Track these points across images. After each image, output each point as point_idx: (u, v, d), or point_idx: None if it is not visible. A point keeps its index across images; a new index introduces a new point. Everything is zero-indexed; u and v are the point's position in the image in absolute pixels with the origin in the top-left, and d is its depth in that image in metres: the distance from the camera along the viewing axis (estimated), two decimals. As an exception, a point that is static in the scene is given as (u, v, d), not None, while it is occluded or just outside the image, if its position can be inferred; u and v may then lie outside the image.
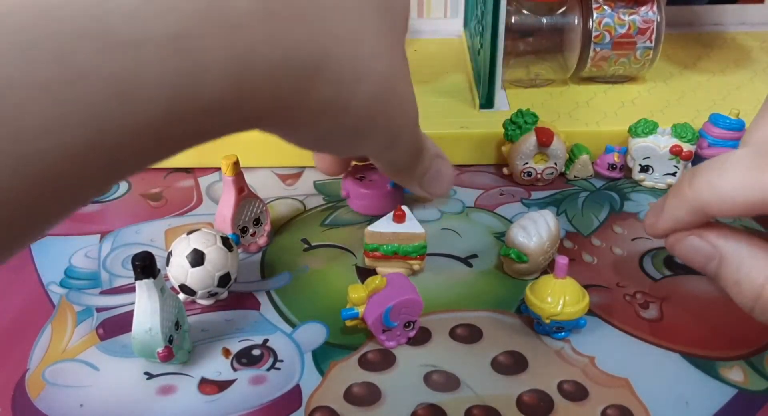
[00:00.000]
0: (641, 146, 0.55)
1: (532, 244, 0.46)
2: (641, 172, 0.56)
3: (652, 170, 0.56)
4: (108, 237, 0.53)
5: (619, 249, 0.51)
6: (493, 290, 0.47)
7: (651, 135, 0.55)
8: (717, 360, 0.41)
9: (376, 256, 0.47)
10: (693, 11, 0.79)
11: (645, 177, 0.56)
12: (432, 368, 0.41)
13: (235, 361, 0.42)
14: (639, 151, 0.56)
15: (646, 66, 0.64)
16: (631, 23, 0.62)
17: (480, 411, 0.39)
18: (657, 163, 0.55)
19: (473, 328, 0.44)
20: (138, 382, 0.41)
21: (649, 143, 0.55)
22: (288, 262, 0.50)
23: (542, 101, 0.63)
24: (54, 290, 0.48)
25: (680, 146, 0.54)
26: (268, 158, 0.61)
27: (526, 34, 0.62)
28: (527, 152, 0.55)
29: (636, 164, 0.56)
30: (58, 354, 0.43)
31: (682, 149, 0.54)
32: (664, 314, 0.45)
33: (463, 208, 0.56)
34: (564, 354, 0.42)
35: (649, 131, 0.55)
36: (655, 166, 0.56)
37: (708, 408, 0.39)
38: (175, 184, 0.60)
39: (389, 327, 0.42)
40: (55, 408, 0.39)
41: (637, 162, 0.56)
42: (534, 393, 0.40)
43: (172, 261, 0.44)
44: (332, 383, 0.41)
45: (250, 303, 0.47)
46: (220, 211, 0.49)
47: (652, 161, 0.55)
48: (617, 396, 0.39)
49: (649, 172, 0.56)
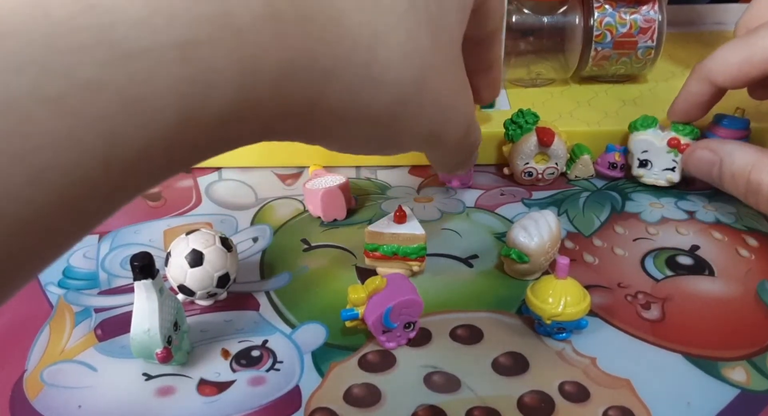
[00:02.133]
0: (640, 140, 0.55)
1: (533, 244, 0.45)
2: (640, 167, 0.56)
3: (651, 165, 0.55)
4: (106, 237, 0.53)
5: (621, 249, 0.51)
6: (494, 291, 0.47)
7: (650, 129, 0.55)
8: (719, 361, 0.41)
9: (376, 256, 0.47)
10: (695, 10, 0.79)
11: (644, 173, 0.56)
12: (432, 369, 0.41)
13: (235, 362, 0.42)
14: (637, 144, 0.55)
15: (648, 65, 0.64)
16: (633, 22, 0.61)
17: (481, 413, 0.38)
18: (655, 157, 0.55)
19: (474, 329, 0.44)
20: (136, 383, 0.41)
21: (648, 136, 0.55)
22: (288, 262, 0.50)
23: (543, 101, 0.63)
24: (52, 290, 0.48)
25: (678, 138, 0.54)
26: (268, 158, 0.60)
27: (526, 33, 0.62)
28: (528, 151, 0.55)
29: (635, 158, 0.56)
30: (57, 355, 0.43)
31: (680, 141, 0.54)
32: (666, 314, 0.45)
33: (463, 208, 0.56)
34: (565, 354, 0.42)
35: (648, 125, 0.55)
36: (653, 160, 0.55)
37: (710, 409, 0.38)
38: (173, 184, 0.59)
39: (389, 328, 0.41)
40: (53, 409, 0.39)
41: (636, 157, 0.56)
42: (535, 394, 0.39)
43: (171, 262, 0.44)
44: (332, 384, 0.40)
45: (250, 304, 0.46)
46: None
47: (651, 154, 0.55)
48: (619, 396, 0.39)
49: (647, 167, 0.56)
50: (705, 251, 0.50)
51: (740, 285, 0.47)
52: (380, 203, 0.56)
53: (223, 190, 0.59)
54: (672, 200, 0.56)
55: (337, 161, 0.60)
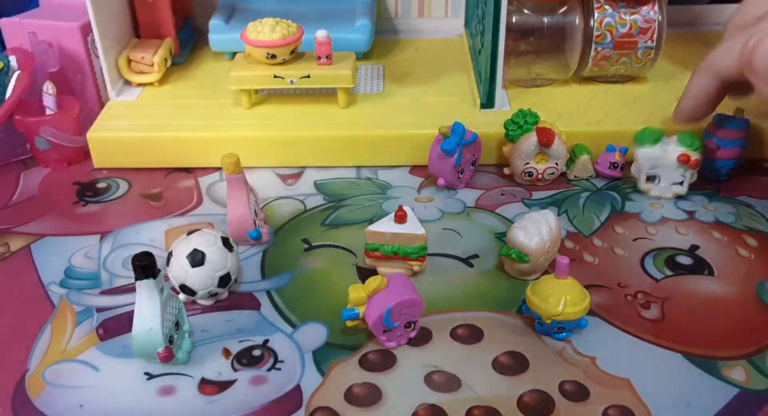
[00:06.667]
0: (648, 155, 0.54)
1: (533, 244, 0.46)
2: (647, 182, 0.56)
3: (658, 180, 0.55)
4: (108, 237, 0.53)
5: (621, 249, 0.51)
6: (494, 291, 0.47)
7: (658, 144, 0.54)
8: (719, 360, 0.41)
9: (376, 256, 0.47)
10: (694, 11, 0.79)
11: (651, 187, 0.56)
12: (433, 368, 0.41)
13: (236, 361, 0.42)
14: (646, 160, 0.55)
15: (648, 66, 0.64)
16: (633, 23, 0.61)
17: (481, 412, 0.38)
18: (664, 172, 0.55)
19: (474, 328, 0.44)
20: (138, 382, 0.41)
21: (656, 151, 0.54)
22: (288, 262, 0.50)
23: (543, 101, 0.63)
24: (54, 290, 0.48)
25: (687, 155, 0.53)
26: (268, 158, 0.61)
27: (527, 33, 0.62)
28: (528, 152, 0.55)
29: (642, 173, 0.55)
30: (58, 355, 0.43)
31: (689, 158, 0.53)
32: (666, 314, 0.45)
33: (464, 208, 0.56)
34: (565, 354, 0.42)
35: (656, 139, 0.54)
36: (662, 175, 0.55)
37: (710, 408, 0.38)
38: (175, 184, 0.59)
39: (390, 328, 0.41)
40: (55, 408, 0.39)
41: (644, 172, 0.55)
42: (535, 393, 0.39)
43: (173, 261, 0.44)
44: (333, 383, 0.40)
45: (251, 304, 0.47)
46: (235, 211, 0.49)
47: (659, 170, 0.55)
48: (618, 396, 0.39)
49: (655, 182, 0.55)
50: (705, 251, 0.50)
51: (740, 285, 0.47)
52: (381, 203, 0.56)
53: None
54: (672, 201, 0.56)
55: (337, 161, 0.60)
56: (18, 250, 0.52)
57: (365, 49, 0.71)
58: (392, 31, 0.79)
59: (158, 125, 0.61)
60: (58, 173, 0.62)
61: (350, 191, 0.58)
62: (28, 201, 0.58)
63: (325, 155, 0.60)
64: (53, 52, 0.63)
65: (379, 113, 0.62)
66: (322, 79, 0.61)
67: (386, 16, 0.78)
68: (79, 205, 0.57)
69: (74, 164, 0.62)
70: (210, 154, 0.60)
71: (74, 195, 0.58)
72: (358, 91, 0.66)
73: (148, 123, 0.61)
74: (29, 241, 0.53)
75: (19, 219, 0.56)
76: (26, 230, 0.54)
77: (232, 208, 0.49)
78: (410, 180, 0.59)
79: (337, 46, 0.62)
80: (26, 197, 0.58)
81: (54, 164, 0.62)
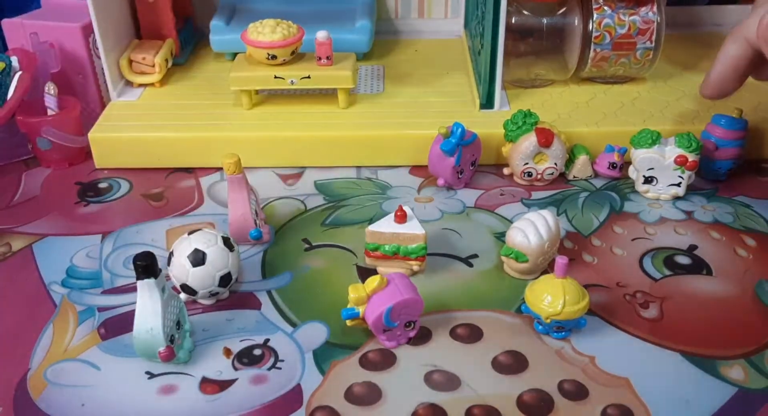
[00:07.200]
0: (645, 157, 0.54)
1: (533, 244, 0.46)
2: (645, 183, 0.56)
3: (656, 182, 0.55)
4: (109, 237, 0.53)
5: (620, 249, 0.51)
6: (494, 290, 0.47)
7: (655, 146, 0.54)
8: (717, 359, 0.42)
9: (376, 256, 0.48)
10: (693, 12, 0.79)
11: (648, 189, 0.56)
12: (432, 367, 0.41)
13: (236, 361, 0.42)
14: (643, 162, 0.55)
15: (646, 66, 0.64)
16: (632, 24, 0.62)
17: (480, 411, 0.39)
18: (661, 174, 0.55)
19: (474, 328, 0.44)
20: (139, 382, 0.41)
21: (654, 153, 0.54)
22: (289, 262, 0.50)
23: (542, 102, 0.63)
24: (55, 289, 0.48)
25: (685, 156, 0.53)
26: (268, 158, 0.61)
27: (526, 34, 0.62)
28: (527, 152, 0.56)
29: (640, 175, 0.55)
30: (60, 354, 0.43)
31: (687, 159, 0.53)
32: (665, 313, 0.45)
33: (463, 208, 0.56)
34: (564, 353, 0.42)
35: (653, 141, 0.54)
36: (659, 177, 0.55)
37: (708, 407, 0.39)
38: (176, 184, 0.60)
39: (390, 327, 0.42)
40: (56, 407, 0.39)
41: (641, 174, 0.55)
42: (534, 392, 0.40)
43: (174, 261, 0.44)
44: (333, 382, 0.41)
45: (251, 303, 0.47)
46: (236, 211, 0.49)
47: (657, 171, 0.55)
48: (618, 395, 0.39)
49: (653, 183, 0.55)
50: (703, 251, 0.50)
51: (738, 285, 0.47)
52: (381, 203, 0.57)
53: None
54: (670, 201, 0.56)
55: (337, 162, 0.61)
56: (20, 250, 0.52)
57: (365, 49, 0.71)
58: (392, 32, 0.79)
59: (159, 125, 0.61)
60: (59, 173, 0.62)
61: (350, 191, 0.58)
62: (30, 201, 0.58)
63: (325, 155, 0.61)
64: (55, 52, 0.63)
65: (379, 114, 0.62)
66: (323, 80, 0.61)
67: (386, 17, 0.78)
68: (80, 205, 0.57)
69: (76, 164, 0.63)
70: (211, 154, 0.60)
71: (76, 195, 0.59)
72: (358, 92, 0.66)
73: (149, 123, 0.61)
74: (31, 241, 0.53)
75: (20, 219, 0.56)
76: (28, 230, 0.54)
77: (232, 208, 0.49)
78: (410, 180, 0.60)
79: (338, 47, 0.62)
80: (28, 198, 0.59)
81: (55, 164, 0.62)
